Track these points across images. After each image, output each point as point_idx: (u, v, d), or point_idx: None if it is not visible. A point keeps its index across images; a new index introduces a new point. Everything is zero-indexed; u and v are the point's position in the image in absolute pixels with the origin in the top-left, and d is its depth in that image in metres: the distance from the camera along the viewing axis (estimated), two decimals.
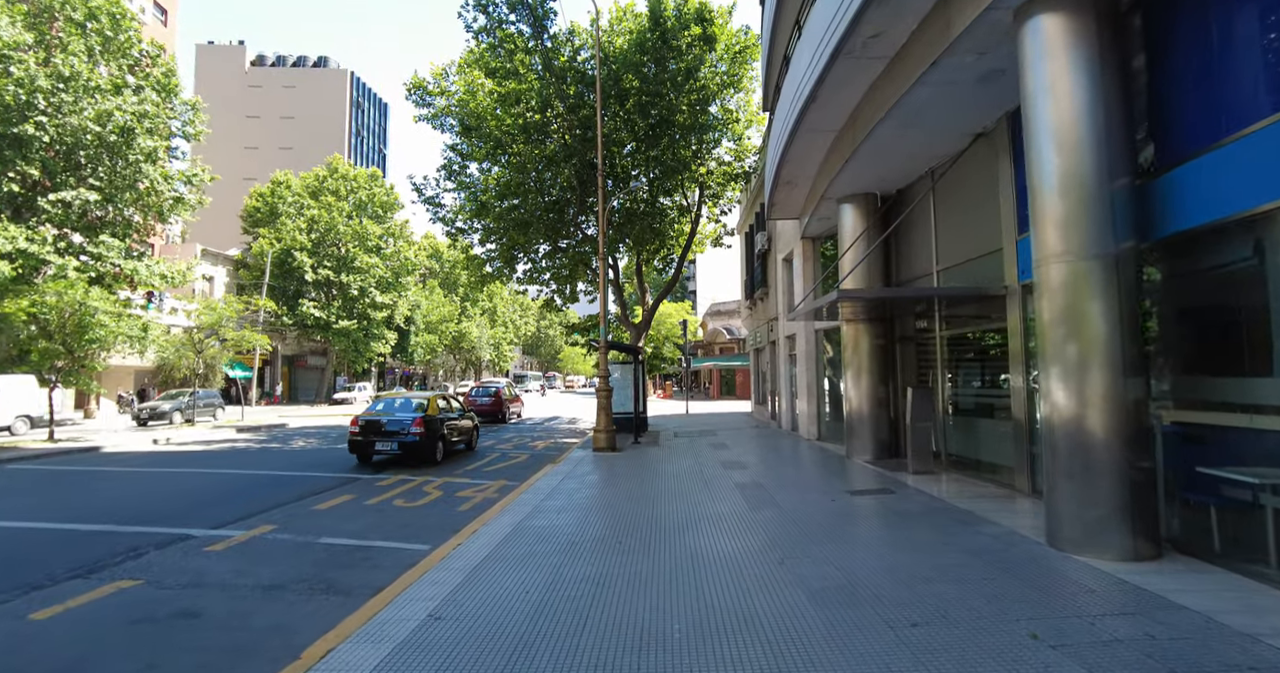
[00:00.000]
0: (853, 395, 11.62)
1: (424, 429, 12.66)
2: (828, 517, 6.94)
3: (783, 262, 17.57)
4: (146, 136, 26.94)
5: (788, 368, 17.50)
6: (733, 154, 19.42)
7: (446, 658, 3.68)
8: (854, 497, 8.05)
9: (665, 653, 3.66)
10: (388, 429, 12.61)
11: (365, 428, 12.69)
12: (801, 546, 5.79)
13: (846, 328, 11.76)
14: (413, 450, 12.52)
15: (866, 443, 11.44)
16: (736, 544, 5.94)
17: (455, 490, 9.96)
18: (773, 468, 10.92)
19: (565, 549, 5.97)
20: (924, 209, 10.53)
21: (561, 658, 3.64)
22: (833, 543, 5.84)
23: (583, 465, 11.74)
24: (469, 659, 3.65)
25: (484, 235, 19.35)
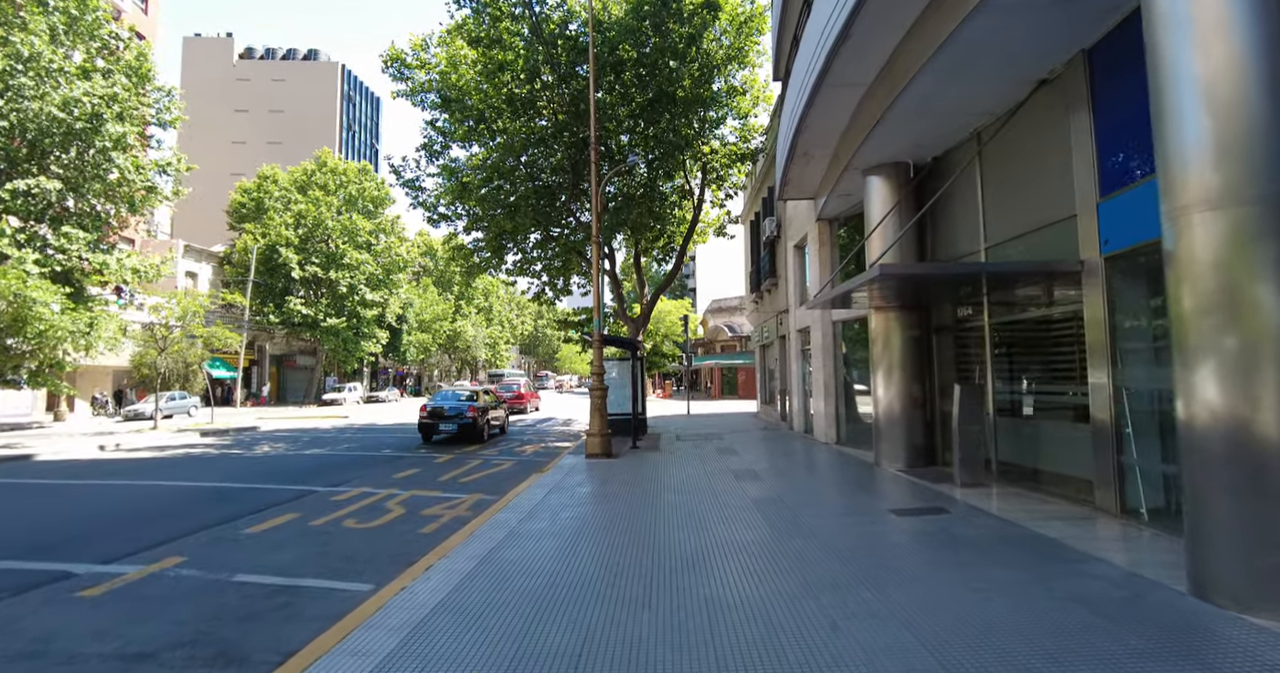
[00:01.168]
0: (882, 394, 10.16)
1: (476, 415, 16.15)
2: (876, 548, 5.47)
3: (794, 249, 16.10)
4: (116, 122, 25.44)
5: (799, 365, 16.04)
6: (738, 134, 17.95)
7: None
8: (900, 518, 6.58)
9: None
10: (449, 415, 16.09)
11: (431, 413, 16.14)
12: (854, 594, 4.32)
13: (875, 318, 10.29)
14: (467, 430, 16.11)
15: (898, 448, 9.98)
16: (765, 590, 4.47)
17: (421, 507, 8.48)
18: (792, 479, 9.44)
19: (539, 597, 4.50)
20: (968, 178, 9.06)
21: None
22: (895, 589, 4.37)
23: (574, 475, 10.27)
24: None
25: (469, 223, 17.87)
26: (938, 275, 8.03)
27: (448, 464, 12.42)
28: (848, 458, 11.43)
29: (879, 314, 10.26)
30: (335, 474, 11.27)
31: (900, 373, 10.03)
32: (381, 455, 13.88)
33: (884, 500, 7.58)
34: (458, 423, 16.05)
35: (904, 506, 7.15)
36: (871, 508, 7.16)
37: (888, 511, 6.93)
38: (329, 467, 12.26)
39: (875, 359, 10.32)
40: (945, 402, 10.15)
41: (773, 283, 18.38)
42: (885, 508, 7.05)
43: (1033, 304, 7.99)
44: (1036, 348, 8.06)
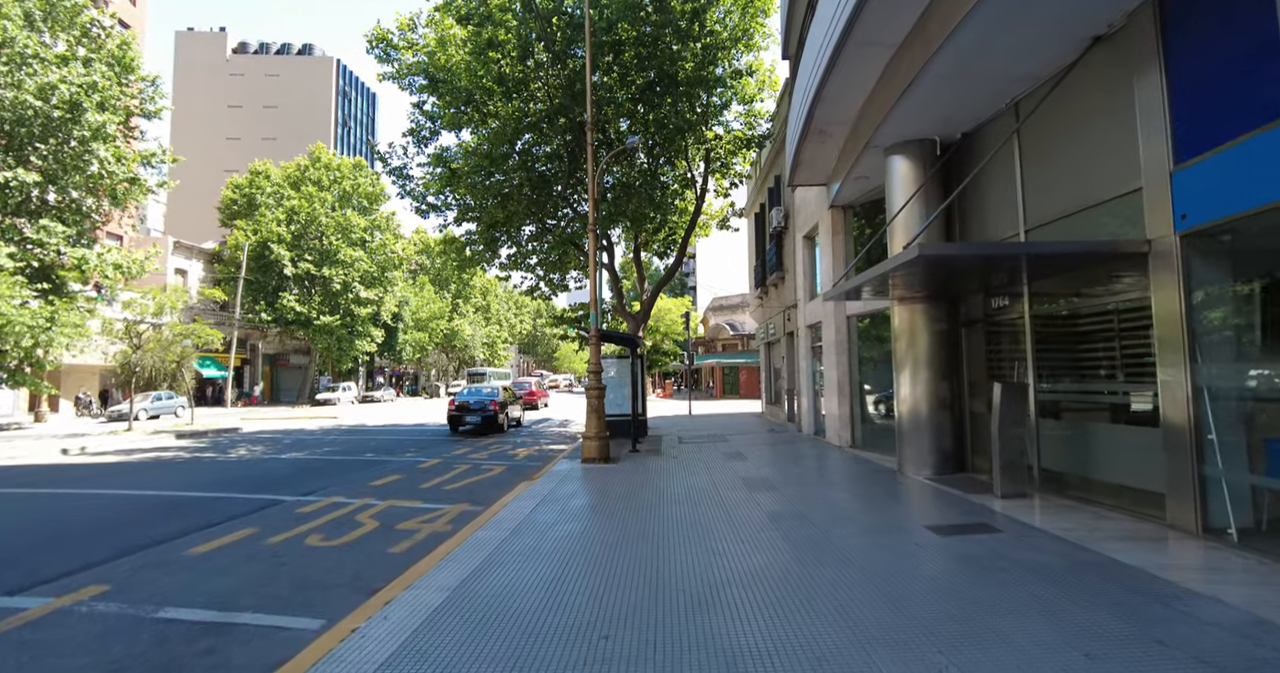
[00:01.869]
0: (906, 394, 9.25)
1: (497, 409, 18.53)
2: (929, 582, 4.56)
3: (803, 240, 15.19)
4: (96, 112, 24.54)
5: (809, 362, 15.13)
6: (743, 119, 17.03)
7: None
8: (942, 537, 5.67)
9: None
10: (473, 408, 18.40)
11: (459, 407, 18.54)
12: (920, 655, 3.40)
13: (899, 311, 9.39)
14: (489, 422, 18.34)
15: (924, 453, 9.07)
16: (801, 642, 3.56)
17: (397, 520, 7.58)
18: (809, 488, 8.53)
19: (516, 653, 3.60)
20: (1004, 154, 8.15)
21: None
22: (973, 649, 3.45)
23: (567, 483, 9.36)
24: None
25: (460, 213, 16.94)
26: (986, 256, 7.03)
27: (433, 470, 11.51)
28: (866, 464, 10.52)
29: (903, 307, 9.35)
30: (309, 481, 10.36)
31: (927, 371, 9.12)
32: (363, 460, 12.97)
33: (918, 515, 6.67)
34: (481, 415, 18.40)
35: (943, 521, 6.24)
36: (906, 524, 6.25)
37: (925, 528, 6.01)
38: (304, 473, 11.35)
39: (899, 356, 9.41)
40: (975, 402, 9.25)
41: (779, 277, 17.47)
42: (921, 524, 6.14)
43: (1085, 292, 7.08)
44: (1088, 342, 7.15)
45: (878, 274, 6.96)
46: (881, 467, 10.05)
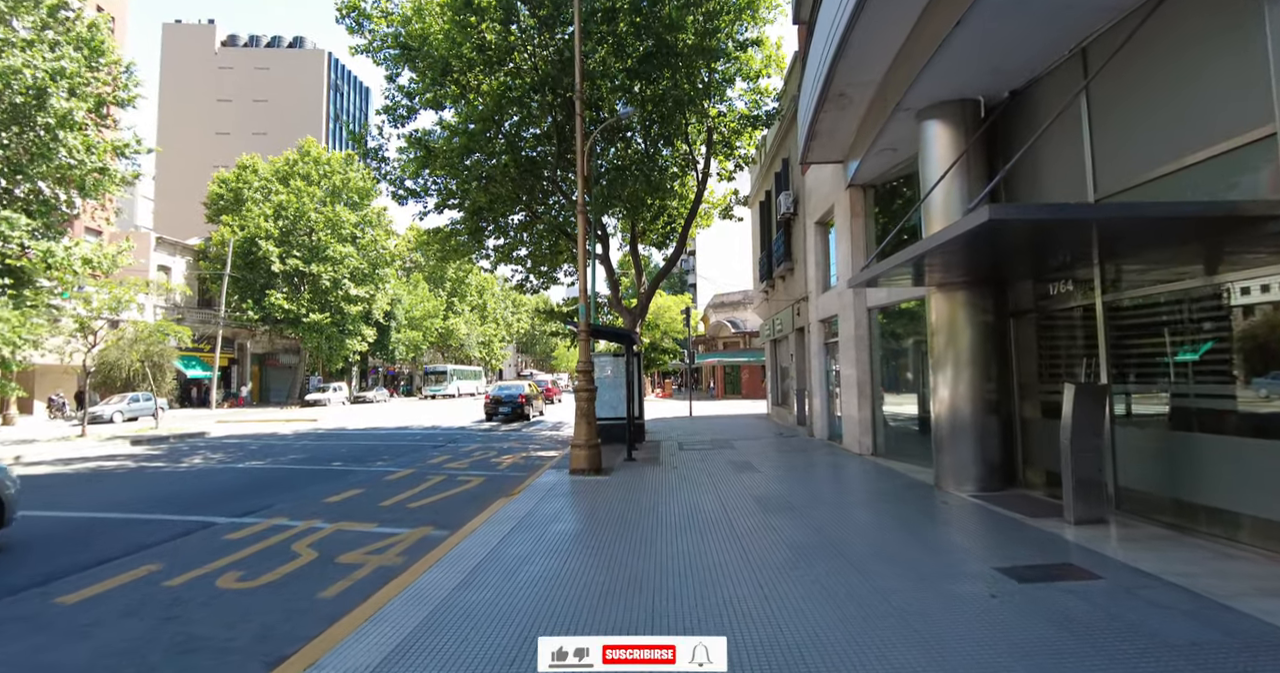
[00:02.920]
0: (945, 396, 7.93)
1: (524, 401, 23.23)
2: (1028, 665, 3.22)
3: (815, 226, 13.86)
4: (63, 98, 23.22)
5: (822, 360, 13.80)
6: (747, 97, 15.69)
7: None
8: (1026, 586, 4.33)
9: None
10: (505, 401, 23.14)
11: (493, 400, 23.32)
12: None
13: (937, 299, 8.07)
14: (518, 411, 23.01)
15: (967, 465, 7.76)
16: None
17: (341, 550, 6.26)
18: (836, 510, 7.19)
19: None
20: (1069, 110, 6.82)
21: None
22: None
23: (550, 501, 8.04)
24: None
25: (441, 199, 15.60)
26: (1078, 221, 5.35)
27: (401, 482, 10.18)
28: (894, 477, 9.19)
29: (941, 295, 8.03)
30: (255, 498, 9.03)
31: (970, 369, 7.80)
32: (328, 470, 11.64)
33: (979, 548, 5.35)
34: (511, 406, 23.17)
35: (1015, 559, 4.91)
36: (970, 564, 4.92)
37: (997, 570, 4.68)
38: (254, 487, 10.03)
39: (936, 352, 8.09)
40: (1026, 406, 7.93)
41: (788, 268, 16.14)
42: (991, 565, 4.81)
43: (1185, 271, 5.74)
44: (1189, 333, 5.82)
45: (928, 248, 5.60)
46: (913, 480, 8.72)
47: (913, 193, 10.58)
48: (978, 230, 4.73)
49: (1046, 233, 5.33)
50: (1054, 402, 7.58)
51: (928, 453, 9.52)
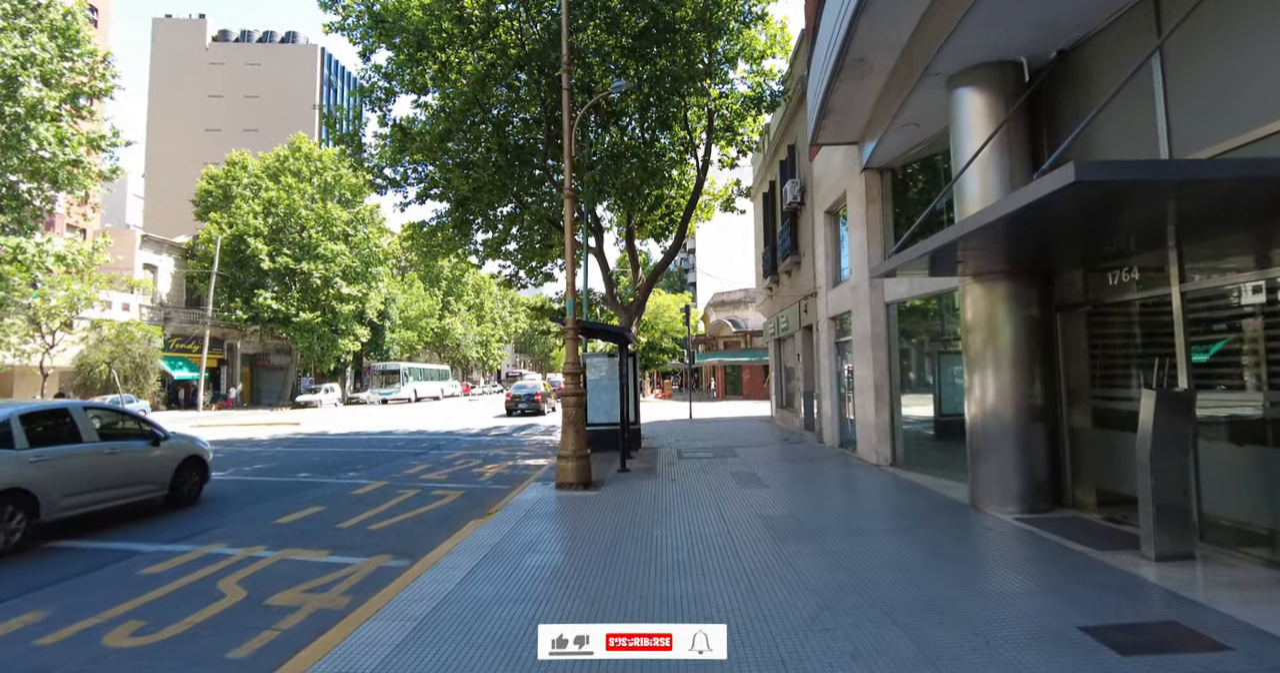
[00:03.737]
0: (983, 401, 6.92)
1: (540, 399, 27.49)
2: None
3: (825, 215, 12.84)
4: (33, 87, 22.24)
5: (832, 360, 12.78)
6: (750, 80, 14.65)
7: None
8: (1129, 660, 3.31)
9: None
10: (523, 398, 27.42)
11: (513, 398, 27.71)
12: None
13: (973, 291, 7.05)
14: (535, 407, 27.15)
15: (1008, 481, 6.74)
16: None
17: (276, 587, 5.25)
18: (864, 539, 6.14)
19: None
20: (1134, 68, 5.79)
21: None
22: None
23: (530, 523, 7.02)
24: None
25: (423, 189, 14.60)
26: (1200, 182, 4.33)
27: (368, 498, 9.15)
28: (921, 493, 8.17)
29: (978, 287, 7.01)
30: (197, 518, 8.01)
31: (1011, 371, 6.78)
32: (292, 482, 10.61)
33: (1051, 597, 4.31)
34: (529, 403, 27.13)
35: (1102, 615, 3.88)
36: (1047, 621, 3.89)
37: (1083, 632, 3.66)
38: (204, 501, 9.00)
39: (972, 351, 7.07)
40: (1076, 413, 6.92)
41: (794, 261, 15.12)
42: (1074, 624, 3.78)
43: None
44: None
45: (987, 222, 4.51)
46: (943, 498, 7.70)
47: (936, 175, 9.57)
48: (1055, 197, 3.71)
49: (1136, 203, 4.30)
50: (1108, 409, 6.59)
51: (955, 464, 8.52)
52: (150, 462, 8.10)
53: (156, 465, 8.19)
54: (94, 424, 7.67)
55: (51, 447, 6.93)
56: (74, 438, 7.26)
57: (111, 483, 7.55)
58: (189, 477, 8.69)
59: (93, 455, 7.35)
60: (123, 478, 7.72)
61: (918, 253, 5.90)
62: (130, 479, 7.82)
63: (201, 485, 8.97)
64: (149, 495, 8.15)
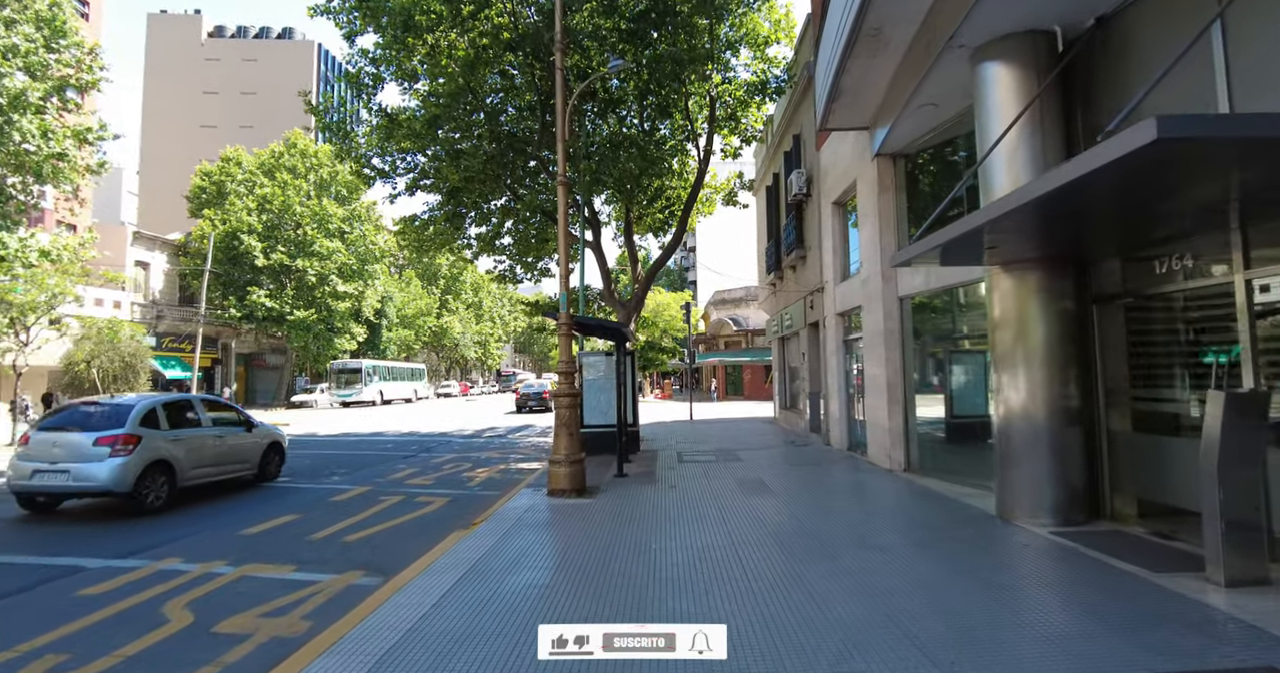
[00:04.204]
0: (1013, 402, 6.33)
1: (548, 397, 26.45)
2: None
3: (833, 207, 12.25)
4: (16, 78, 21.66)
5: (841, 358, 12.20)
6: (753, 67, 14.04)
7: None
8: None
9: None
10: (533, 396, 29.10)
11: (524, 396, 29.52)
12: None
13: (1001, 282, 6.46)
14: (544, 405, 27.93)
15: (1041, 490, 6.15)
16: None
17: (229, 610, 4.68)
18: (884, 556, 5.54)
19: None
20: (1191, 33, 5.20)
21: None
22: None
23: (517, 536, 6.42)
24: None
25: (412, 181, 14.01)
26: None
27: (349, 504, 8.56)
28: (941, 502, 7.57)
29: (1007, 277, 6.42)
30: (158, 528, 7.41)
31: (1043, 369, 6.19)
32: (270, 486, 10.01)
33: (1111, 633, 3.71)
34: (538, 401, 28.59)
35: (1184, 660, 3.29)
36: (1114, 666, 3.30)
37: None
38: (168, 510, 8.41)
39: (1000, 348, 6.48)
40: (1114, 416, 6.33)
41: (799, 256, 14.53)
42: (1149, 667, 3.19)
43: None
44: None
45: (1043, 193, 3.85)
46: (966, 506, 7.10)
47: (954, 162, 8.98)
48: (1131, 160, 3.11)
49: (1213, 170, 3.70)
50: (1150, 411, 6.01)
51: (975, 470, 7.94)
52: (246, 445, 9.75)
53: (250, 448, 9.83)
54: (208, 413, 9.35)
55: (182, 429, 8.68)
56: (196, 423, 8.99)
57: (220, 460, 9.22)
58: (272, 458, 10.34)
59: (209, 438, 9.08)
60: (228, 457, 9.37)
61: (947, 237, 5.31)
62: (233, 458, 9.46)
63: (280, 466, 10.61)
64: (244, 473, 9.73)
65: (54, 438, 7.90)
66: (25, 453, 7.97)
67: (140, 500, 7.84)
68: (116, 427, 7.89)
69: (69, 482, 7.66)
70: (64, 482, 7.66)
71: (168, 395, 9.14)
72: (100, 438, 7.75)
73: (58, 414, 8.63)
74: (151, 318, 37.93)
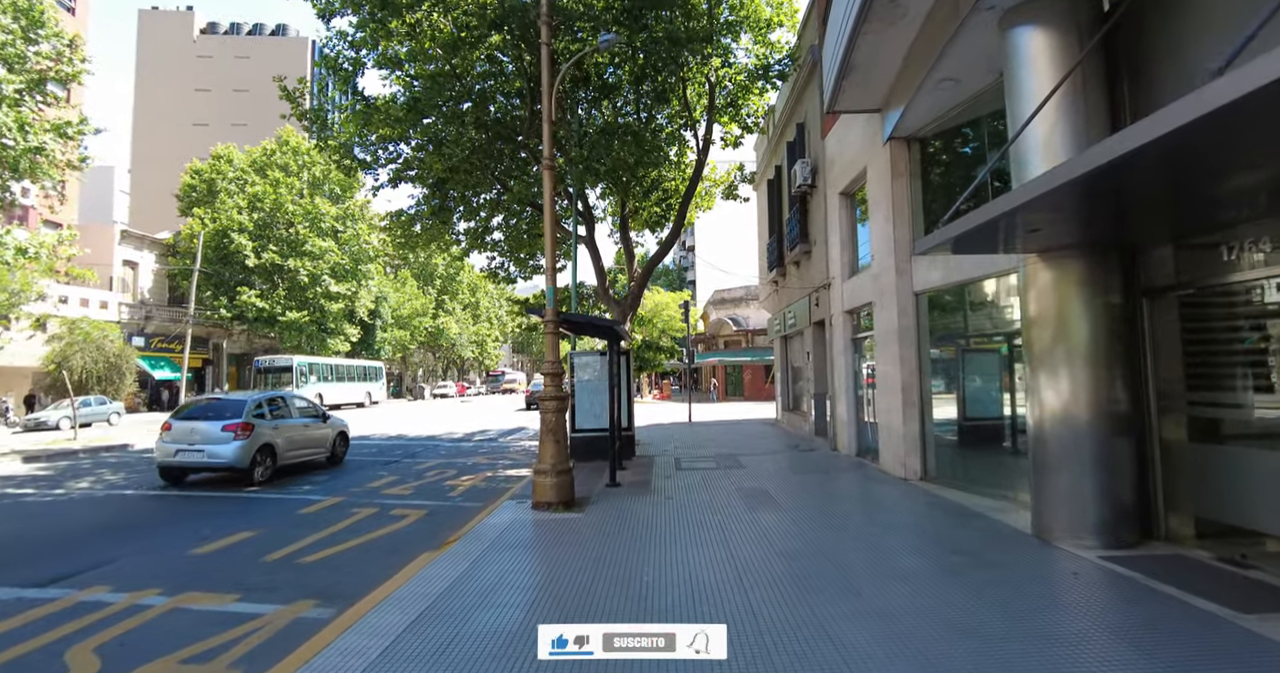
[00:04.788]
0: (1052, 407, 5.62)
1: None
2: None
3: (840, 198, 11.53)
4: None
5: (849, 358, 11.48)
6: (754, 51, 13.28)
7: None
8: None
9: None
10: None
11: (532, 395, 26.52)
12: None
13: (1038, 273, 5.74)
14: None
15: (1085, 505, 5.44)
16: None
17: (146, 654, 4.01)
18: (913, 588, 4.80)
19: None
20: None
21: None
22: None
23: (492, 560, 5.69)
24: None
25: (395, 171, 13.30)
26: None
27: (315, 518, 7.83)
28: (968, 517, 6.84)
29: (1044, 267, 5.70)
30: (99, 546, 6.67)
31: (1087, 370, 5.48)
32: (234, 497, 9.27)
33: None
34: None
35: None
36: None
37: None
38: (112, 528, 7.67)
39: (1037, 345, 5.76)
40: (1168, 423, 5.61)
41: (804, 251, 13.81)
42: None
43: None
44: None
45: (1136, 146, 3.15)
46: (995, 523, 6.38)
47: (976, 144, 8.27)
48: (1256, 102, 2.39)
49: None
50: (1210, 418, 5.30)
51: (1000, 481, 7.24)
52: (323, 434, 11.97)
53: (324, 436, 12.03)
54: (296, 405, 11.61)
55: (280, 420, 10.82)
56: (288, 415, 11.14)
57: (305, 445, 11.35)
58: (339, 446, 12.53)
59: (298, 427, 11.25)
60: (310, 443, 11.52)
61: (985, 217, 4.59)
62: (313, 444, 11.63)
63: (345, 452, 12.78)
64: (320, 456, 11.86)
65: (191, 425, 10.03)
66: (168, 437, 10.04)
67: (252, 475, 9.90)
68: (236, 417, 9.95)
69: (203, 458, 9.83)
70: (199, 459, 9.86)
71: (268, 393, 11.23)
72: (226, 425, 9.84)
73: (192, 407, 10.97)
74: (140, 318, 37.17)
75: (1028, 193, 4.03)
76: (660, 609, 4.28)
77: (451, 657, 3.67)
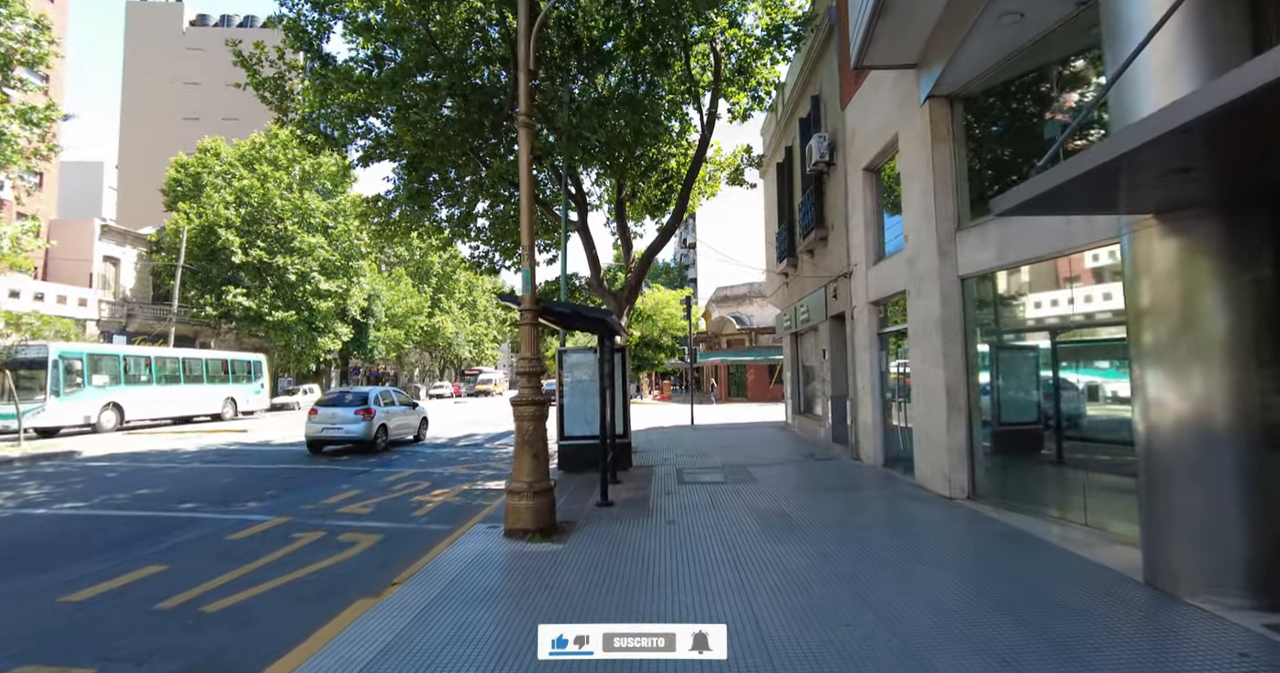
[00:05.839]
0: (1171, 411, 4.30)
1: None
2: None
3: (864, 174, 10.19)
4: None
5: (874, 356, 10.14)
6: (767, 14, 11.91)
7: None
8: None
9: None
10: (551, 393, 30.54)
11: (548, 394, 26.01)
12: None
13: (1151, 244, 4.41)
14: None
15: (1226, 545, 4.12)
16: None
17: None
18: (1017, 670, 3.47)
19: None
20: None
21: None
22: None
23: (442, 613, 4.35)
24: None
25: (367, 147, 11.99)
26: None
27: (249, 545, 6.50)
28: (1041, 552, 5.50)
29: (1159, 235, 4.37)
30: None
31: (1224, 369, 4.13)
32: (160, 519, 7.90)
33: None
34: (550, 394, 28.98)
35: None
36: None
37: None
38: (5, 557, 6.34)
39: (1151, 336, 4.43)
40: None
41: (819, 237, 12.45)
42: None
43: None
44: None
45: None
46: (1084, 562, 5.04)
47: (1034, 103, 6.92)
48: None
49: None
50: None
51: (1070, 502, 5.91)
52: (412, 419, 16.03)
53: (414, 420, 16.15)
54: (397, 398, 15.76)
55: (388, 407, 14.86)
56: (392, 403, 15.28)
57: (402, 427, 15.42)
58: (422, 429, 16.61)
59: (399, 412, 15.37)
60: (405, 425, 15.58)
61: (1108, 154, 3.23)
62: (408, 426, 15.77)
63: (426, 433, 16.96)
64: (410, 435, 15.93)
65: (331, 411, 13.76)
66: (315, 419, 13.72)
67: (374, 445, 13.83)
68: (363, 404, 13.90)
69: (341, 433, 13.56)
70: (338, 434, 13.57)
71: (379, 388, 15.49)
72: (357, 410, 13.70)
73: (330, 398, 14.53)
74: (121, 316, 35.85)
75: (1212, 100, 2.69)
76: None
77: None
